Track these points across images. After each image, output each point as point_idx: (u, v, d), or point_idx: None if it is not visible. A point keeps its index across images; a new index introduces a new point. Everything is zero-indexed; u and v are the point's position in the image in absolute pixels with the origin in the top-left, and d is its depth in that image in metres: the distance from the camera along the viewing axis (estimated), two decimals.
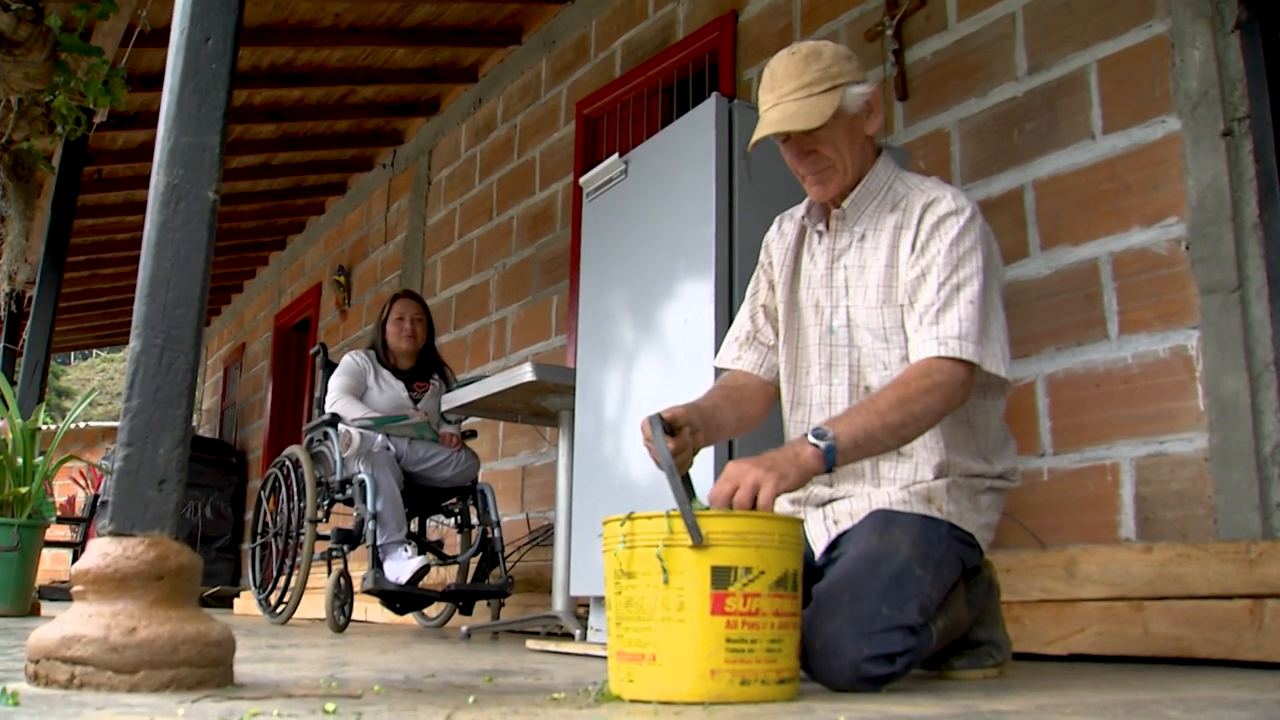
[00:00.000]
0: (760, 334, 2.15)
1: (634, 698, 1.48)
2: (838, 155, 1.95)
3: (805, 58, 1.92)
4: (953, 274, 1.84)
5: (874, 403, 1.75)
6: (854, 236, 2.00)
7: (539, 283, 5.53)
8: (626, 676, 1.50)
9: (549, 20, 5.80)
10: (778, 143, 2.00)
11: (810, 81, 1.90)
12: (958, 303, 1.82)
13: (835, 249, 2.03)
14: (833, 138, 1.93)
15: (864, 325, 1.96)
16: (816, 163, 1.96)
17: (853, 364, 1.98)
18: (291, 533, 4.55)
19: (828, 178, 1.97)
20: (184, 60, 1.61)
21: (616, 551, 1.54)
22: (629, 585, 1.52)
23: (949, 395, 1.78)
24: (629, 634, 1.51)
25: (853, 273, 1.99)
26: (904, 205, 1.96)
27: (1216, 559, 2.45)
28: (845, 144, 1.95)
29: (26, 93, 3.81)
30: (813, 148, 1.94)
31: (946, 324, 1.81)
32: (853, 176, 1.99)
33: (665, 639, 1.47)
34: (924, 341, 1.82)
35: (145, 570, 1.42)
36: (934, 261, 1.86)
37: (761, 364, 2.13)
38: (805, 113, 1.88)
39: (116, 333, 11.90)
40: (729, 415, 2.01)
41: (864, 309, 1.96)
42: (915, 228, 1.92)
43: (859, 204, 2.00)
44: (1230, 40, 2.78)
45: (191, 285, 1.56)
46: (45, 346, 5.07)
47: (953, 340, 1.79)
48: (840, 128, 1.93)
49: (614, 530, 1.56)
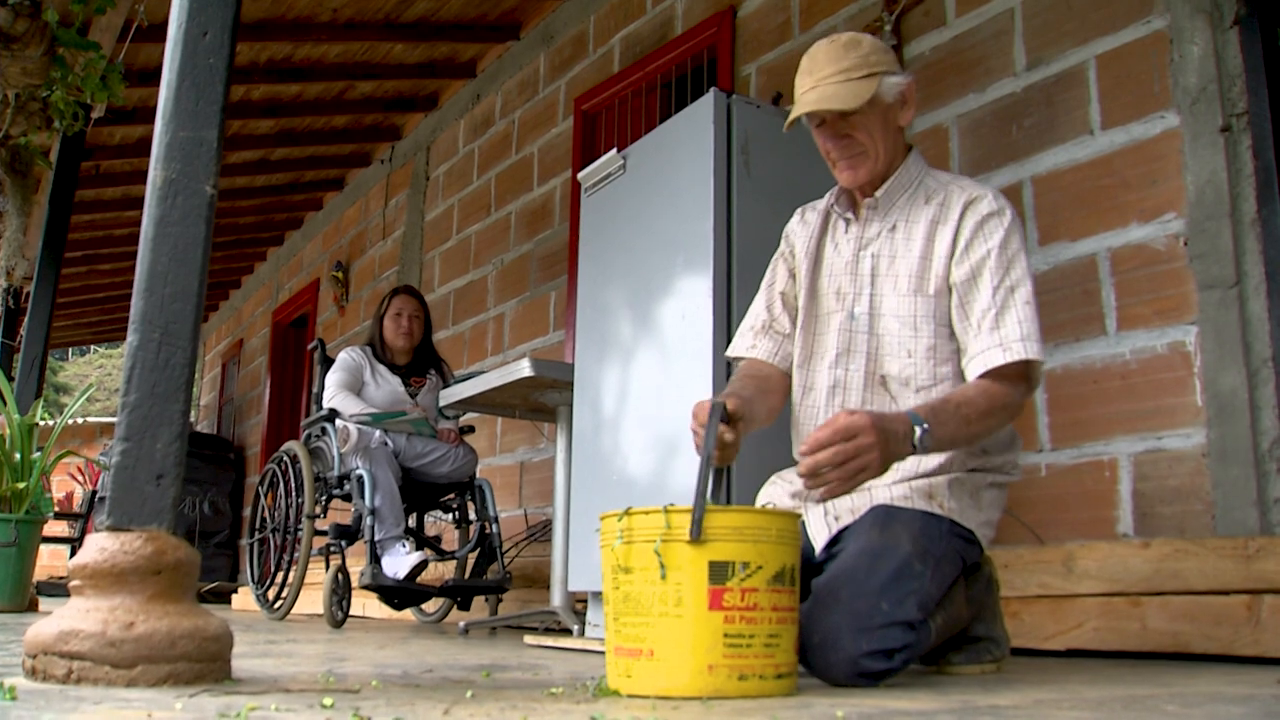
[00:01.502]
0: (776, 323, 2.15)
1: (632, 693, 1.48)
2: (871, 141, 1.98)
3: (845, 45, 1.97)
4: (1005, 277, 1.88)
5: (961, 409, 1.78)
6: (884, 226, 2.02)
7: (537, 278, 5.53)
8: (624, 671, 1.50)
9: (547, 15, 5.80)
10: (810, 127, 2.03)
11: (849, 67, 1.93)
12: (1014, 305, 1.86)
13: (863, 238, 2.04)
14: (867, 123, 1.97)
15: (890, 313, 1.97)
16: (850, 147, 1.99)
17: (870, 352, 1.99)
18: (289, 528, 4.55)
19: (859, 163, 2.00)
20: (181, 55, 1.61)
21: (614, 547, 1.54)
22: (626, 580, 1.52)
23: (1021, 403, 1.86)
24: (627, 629, 1.51)
25: (881, 261, 2.00)
26: (940, 200, 1.99)
27: (1214, 554, 2.46)
28: (879, 131, 1.98)
29: (24, 88, 3.80)
30: (847, 132, 1.98)
31: (1008, 327, 1.85)
32: (883, 165, 2.01)
33: (663, 634, 1.47)
34: (988, 348, 1.85)
35: (143, 565, 1.42)
36: (984, 264, 1.90)
37: (776, 352, 2.13)
38: (843, 95, 1.92)
39: (114, 328, 11.89)
40: (760, 408, 2.00)
41: (893, 297, 1.97)
42: (956, 224, 1.94)
43: (891, 195, 2.03)
44: (1229, 36, 2.78)
45: (189, 280, 1.55)
46: (43, 342, 5.06)
47: (1016, 344, 1.83)
48: (875, 114, 1.97)
49: (611, 525, 1.56)
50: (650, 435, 2.90)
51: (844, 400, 2.00)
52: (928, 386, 1.92)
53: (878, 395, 1.98)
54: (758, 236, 2.79)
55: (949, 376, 1.93)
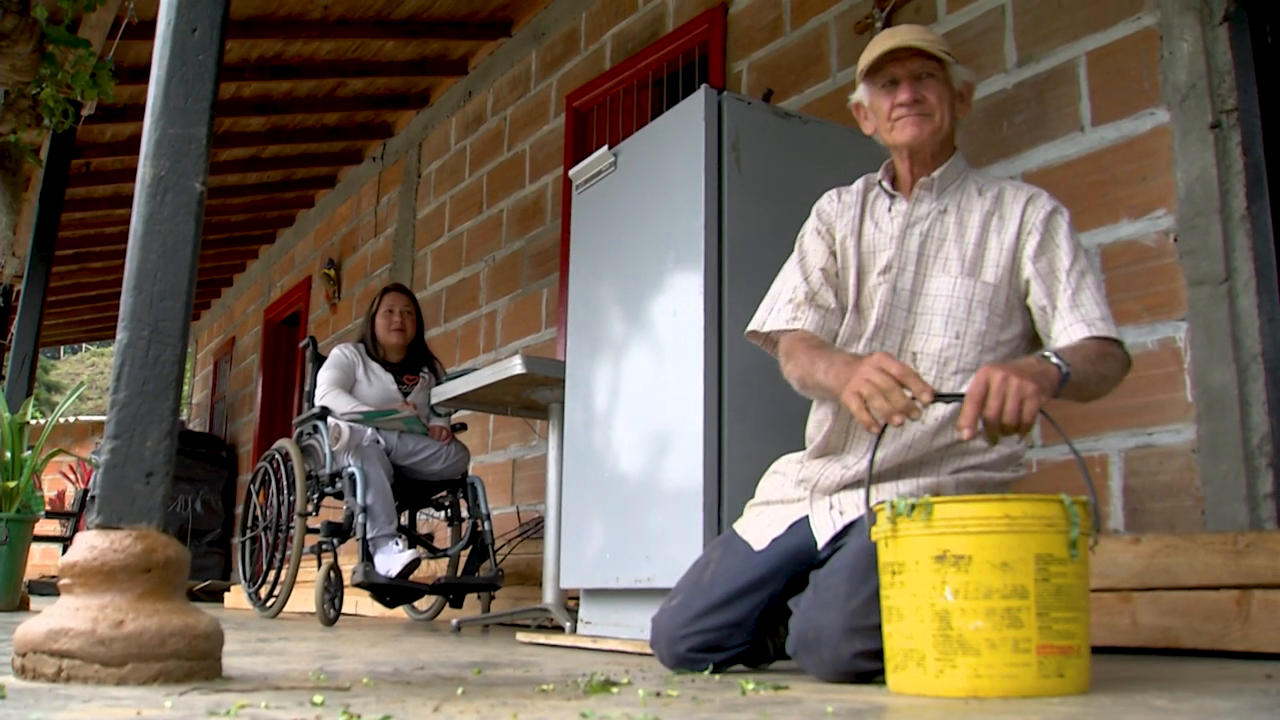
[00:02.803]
0: (819, 295, 2.07)
1: (1063, 692, 1.47)
2: (939, 107, 2.01)
3: (925, 28, 2.09)
4: (1075, 263, 1.93)
5: (1083, 349, 1.81)
6: (936, 208, 2.03)
7: (529, 275, 5.53)
8: (1056, 670, 1.48)
9: (539, 12, 5.79)
10: (873, 91, 2.05)
11: (933, 38, 2.02)
12: (1087, 287, 1.91)
13: (912, 215, 2.04)
14: (939, 89, 2.01)
15: (936, 293, 1.97)
16: (920, 104, 2.00)
17: (906, 328, 1.98)
18: (281, 526, 4.54)
19: (924, 123, 2.00)
20: (170, 52, 1.61)
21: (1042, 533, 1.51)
22: (1059, 572, 1.49)
23: (1124, 366, 1.90)
24: (1058, 624, 1.48)
25: (931, 242, 2.01)
26: (994, 194, 2.03)
27: (1204, 550, 2.47)
28: (946, 103, 2.02)
29: (13, 85, 3.78)
30: (921, 92, 2.00)
31: (1087, 307, 1.89)
32: (943, 136, 2.03)
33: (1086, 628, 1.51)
34: (1073, 324, 1.88)
35: (132, 563, 1.42)
36: (1058, 256, 1.94)
37: (822, 326, 2.05)
38: (933, 41, 2.00)
39: (106, 327, 11.85)
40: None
41: (942, 277, 1.97)
42: (1019, 220, 1.98)
43: (946, 178, 2.05)
44: (1218, 33, 2.79)
45: (179, 277, 1.55)
46: (33, 340, 5.04)
47: (1099, 321, 1.88)
48: (946, 88, 2.02)
49: (1046, 510, 1.52)
50: (642, 432, 2.90)
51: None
52: (968, 370, 1.92)
53: None
54: (748, 233, 2.79)
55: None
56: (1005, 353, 1.95)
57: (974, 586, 1.47)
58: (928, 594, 1.50)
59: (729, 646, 1.95)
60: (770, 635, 2.04)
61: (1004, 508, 1.49)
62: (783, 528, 2.00)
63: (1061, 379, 1.71)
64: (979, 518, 1.49)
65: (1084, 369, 1.77)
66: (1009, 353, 1.96)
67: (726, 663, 1.96)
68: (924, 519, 1.52)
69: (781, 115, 2.99)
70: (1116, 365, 1.88)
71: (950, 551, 1.49)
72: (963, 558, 1.48)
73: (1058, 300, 1.91)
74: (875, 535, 1.62)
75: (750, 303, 2.27)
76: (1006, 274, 1.96)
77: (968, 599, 1.47)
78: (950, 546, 1.49)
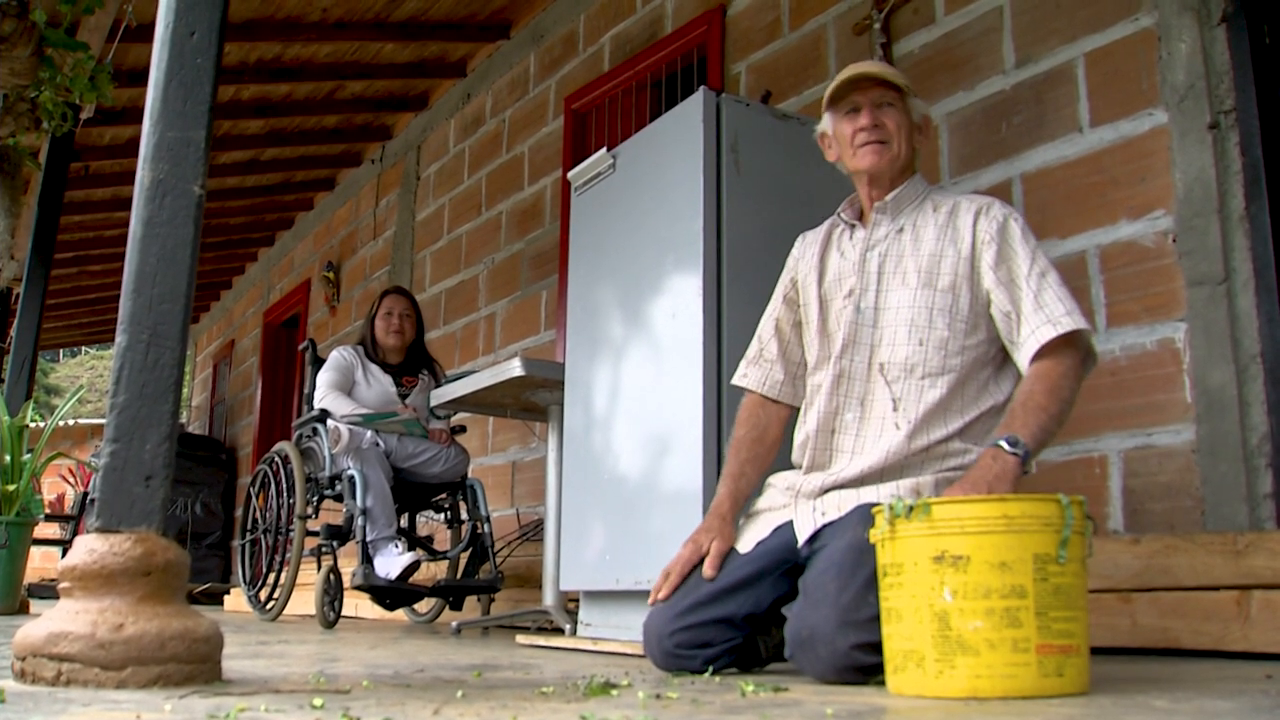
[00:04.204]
0: (765, 350, 2.30)
1: (1063, 692, 1.47)
2: (897, 135, 2.12)
3: (886, 63, 2.23)
4: (1033, 266, 2.00)
5: (1031, 400, 1.88)
6: (893, 229, 2.14)
7: (528, 278, 5.53)
8: (1055, 670, 1.48)
9: (537, 15, 5.79)
10: (836, 119, 2.18)
11: (894, 71, 2.17)
12: (1049, 286, 1.97)
13: (870, 239, 2.15)
14: (898, 116, 2.13)
15: (897, 306, 2.06)
16: (880, 131, 2.11)
17: (873, 343, 2.08)
18: (281, 529, 4.54)
19: (883, 150, 2.11)
20: (169, 55, 1.61)
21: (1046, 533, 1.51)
22: (1057, 572, 1.49)
23: (1080, 369, 1.94)
24: (1057, 624, 1.48)
25: (889, 260, 2.11)
26: (948, 208, 2.12)
27: (1204, 550, 2.47)
28: (905, 132, 2.13)
29: (12, 88, 3.78)
30: (881, 119, 2.12)
31: (1049, 306, 1.94)
32: (900, 163, 2.14)
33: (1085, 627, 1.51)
34: (1039, 326, 1.94)
35: (132, 566, 1.42)
36: (1016, 263, 2.01)
37: (765, 380, 2.28)
38: (890, 72, 2.14)
39: (105, 330, 11.84)
40: (754, 475, 2.21)
41: (901, 291, 2.07)
42: (972, 229, 2.06)
43: (900, 201, 2.15)
44: (1216, 33, 2.79)
45: (177, 280, 1.55)
46: (33, 343, 5.04)
47: (1063, 318, 1.92)
48: (904, 117, 2.14)
49: (1051, 510, 1.52)
50: (641, 433, 2.90)
51: (848, 389, 2.07)
52: (935, 374, 2.00)
53: (875, 383, 2.05)
54: (747, 235, 2.79)
55: (957, 369, 2.00)
56: (971, 357, 2.02)
57: (973, 587, 1.47)
58: (926, 595, 1.50)
59: (718, 643, 1.98)
60: (762, 635, 2.05)
61: (1002, 508, 1.49)
62: (768, 531, 2.07)
63: (1022, 461, 1.80)
64: (977, 518, 1.49)
65: (1040, 427, 1.85)
66: (975, 357, 2.03)
67: (717, 660, 1.97)
68: (922, 520, 1.52)
69: (780, 117, 2.99)
70: (1072, 380, 1.92)
71: (948, 552, 1.49)
72: (961, 558, 1.48)
73: (1021, 305, 1.98)
74: (873, 537, 1.62)
75: (749, 304, 2.31)
76: (966, 283, 2.03)
77: (966, 599, 1.47)
78: (948, 547, 1.49)
